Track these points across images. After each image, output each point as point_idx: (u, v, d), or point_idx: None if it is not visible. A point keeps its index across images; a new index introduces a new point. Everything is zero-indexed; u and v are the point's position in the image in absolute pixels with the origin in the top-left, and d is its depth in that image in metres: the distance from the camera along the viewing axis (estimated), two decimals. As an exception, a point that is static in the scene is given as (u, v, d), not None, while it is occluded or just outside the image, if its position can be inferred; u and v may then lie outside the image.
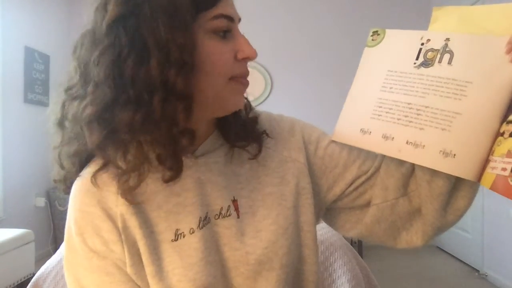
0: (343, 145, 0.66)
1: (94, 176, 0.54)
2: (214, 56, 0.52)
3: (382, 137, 0.59)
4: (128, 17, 0.48)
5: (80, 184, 0.55)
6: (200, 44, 0.51)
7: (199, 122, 0.57)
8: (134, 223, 0.54)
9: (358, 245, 3.22)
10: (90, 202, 0.54)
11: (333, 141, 0.66)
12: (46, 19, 3.59)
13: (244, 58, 0.54)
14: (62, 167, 0.57)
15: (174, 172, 0.52)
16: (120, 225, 0.54)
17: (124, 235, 0.54)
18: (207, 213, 0.57)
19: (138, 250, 0.54)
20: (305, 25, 3.88)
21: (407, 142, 0.56)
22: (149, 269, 0.54)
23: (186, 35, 0.49)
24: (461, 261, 3.30)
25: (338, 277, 1.39)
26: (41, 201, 3.43)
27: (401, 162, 0.60)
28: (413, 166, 0.61)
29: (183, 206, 0.56)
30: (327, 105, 3.68)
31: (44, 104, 3.49)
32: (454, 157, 0.53)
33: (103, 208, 0.54)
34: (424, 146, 0.55)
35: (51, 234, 3.51)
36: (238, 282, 0.58)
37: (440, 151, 0.53)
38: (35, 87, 3.37)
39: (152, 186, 0.55)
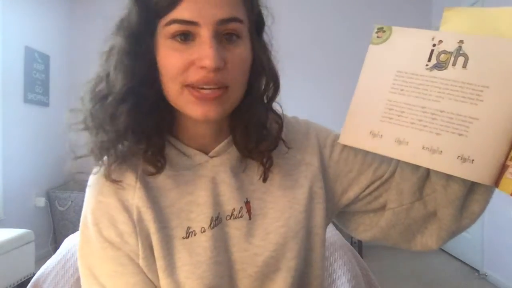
0: (358, 149, 0.64)
1: (110, 168, 0.55)
2: (165, 63, 0.52)
3: (395, 141, 0.57)
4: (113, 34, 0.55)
5: (98, 175, 0.56)
6: (157, 50, 0.53)
7: (195, 125, 0.58)
8: (148, 217, 0.55)
9: (358, 245, 3.22)
10: (108, 192, 0.55)
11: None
12: (46, 19, 3.59)
13: (200, 66, 0.50)
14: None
15: (153, 168, 0.55)
16: (135, 217, 0.55)
17: (139, 227, 0.55)
18: (219, 213, 0.58)
19: (150, 243, 0.55)
20: (310, 24, 3.88)
21: (423, 147, 0.55)
22: (159, 263, 0.55)
23: (138, 43, 0.52)
24: (461, 261, 3.30)
25: (338, 277, 1.39)
26: (41, 201, 3.42)
27: (416, 166, 0.59)
28: (428, 170, 0.60)
29: (196, 204, 0.57)
30: (333, 104, 3.68)
31: (44, 104, 3.49)
32: (472, 162, 0.52)
33: (119, 200, 0.55)
34: (441, 151, 0.53)
35: (51, 234, 3.50)
36: (244, 284, 0.58)
37: (458, 156, 0.52)
38: (35, 87, 3.37)
39: (166, 182, 0.57)
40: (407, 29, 0.61)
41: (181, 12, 0.49)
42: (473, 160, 0.52)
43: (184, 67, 0.50)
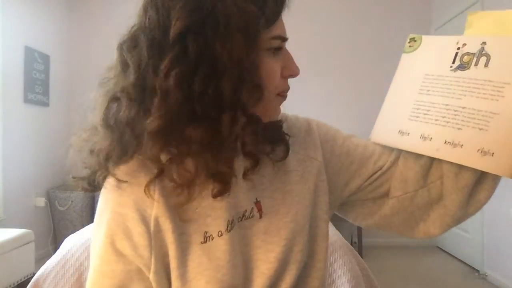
0: (358, 142, 0.68)
1: (131, 176, 0.53)
2: (270, 74, 0.54)
3: (420, 137, 0.61)
4: (197, 28, 0.48)
5: (115, 183, 0.54)
6: (261, 61, 0.53)
7: None
8: (167, 227, 0.53)
9: (358, 245, 3.22)
10: (126, 203, 0.53)
11: (348, 138, 0.69)
12: (46, 19, 3.59)
13: (289, 75, 0.57)
14: (86, 165, 0.56)
15: (224, 188, 0.53)
16: (152, 229, 0.53)
17: (155, 239, 0.53)
18: (233, 216, 0.58)
19: (164, 254, 0.54)
20: (310, 22, 3.88)
21: (445, 142, 0.58)
22: (176, 273, 0.53)
23: (255, 53, 0.51)
24: (461, 261, 3.31)
25: (338, 277, 1.39)
26: (41, 201, 3.43)
27: (419, 155, 0.62)
28: (431, 159, 0.62)
29: (212, 208, 0.56)
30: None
31: (44, 104, 3.49)
32: (492, 155, 0.54)
33: (138, 210, 0.53)
34: (462, 145, 0.56)
35: (51, 234, 3.51)
36: (258, 283, 0.58)
37: (478, 150, 0.55)
38: (35, 87, 3.37)
39: None
40: (436, 37, 0.65)
41: (280, 28, 0.54)
42: (493, 153, 0.54)
43: (279, 77, 0.56)
